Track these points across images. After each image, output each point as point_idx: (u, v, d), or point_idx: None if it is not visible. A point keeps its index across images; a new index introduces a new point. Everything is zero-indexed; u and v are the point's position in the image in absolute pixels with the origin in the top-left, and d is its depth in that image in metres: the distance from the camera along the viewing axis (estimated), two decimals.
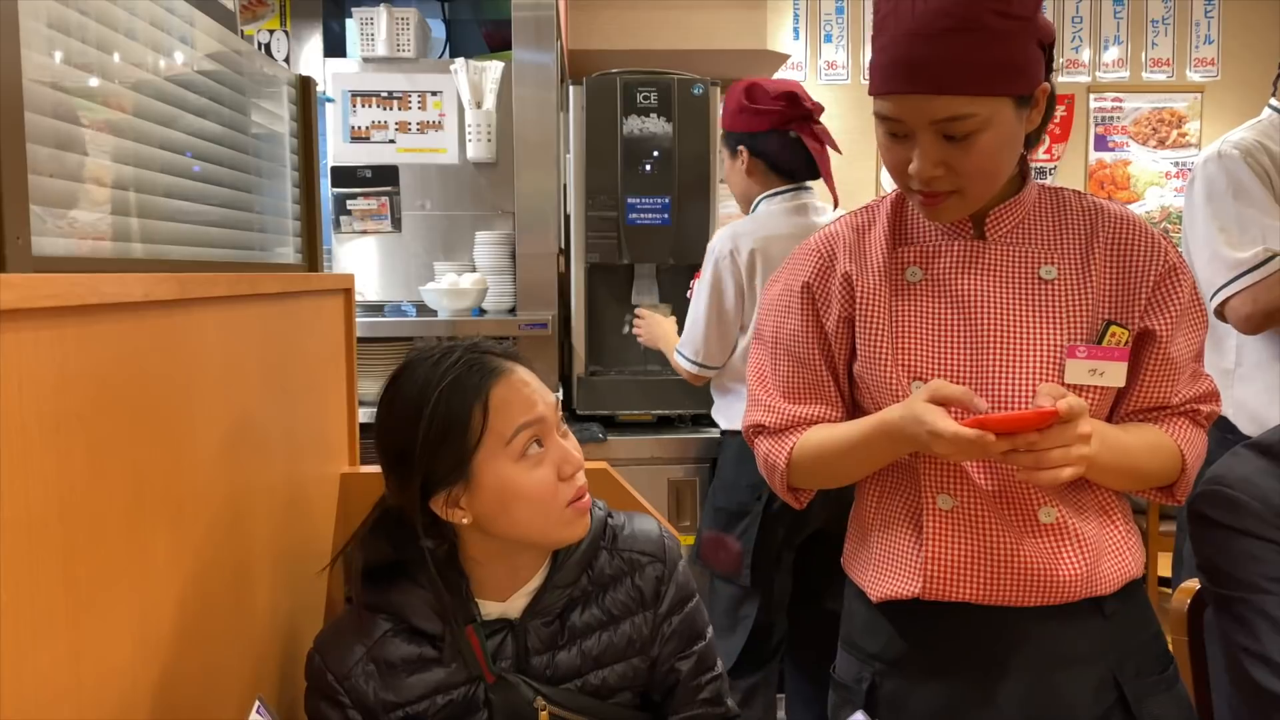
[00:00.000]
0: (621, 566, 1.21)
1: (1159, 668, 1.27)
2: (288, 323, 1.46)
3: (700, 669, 1.24)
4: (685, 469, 2.70)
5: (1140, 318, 1.21)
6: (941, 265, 1.23)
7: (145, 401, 0.97)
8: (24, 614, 0.76)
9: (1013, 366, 1.18)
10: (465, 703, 1.15)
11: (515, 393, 1.13)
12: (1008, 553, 1.19)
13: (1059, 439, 1.07)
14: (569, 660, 1.17)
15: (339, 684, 1.14)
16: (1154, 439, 1.23)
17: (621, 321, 2.84)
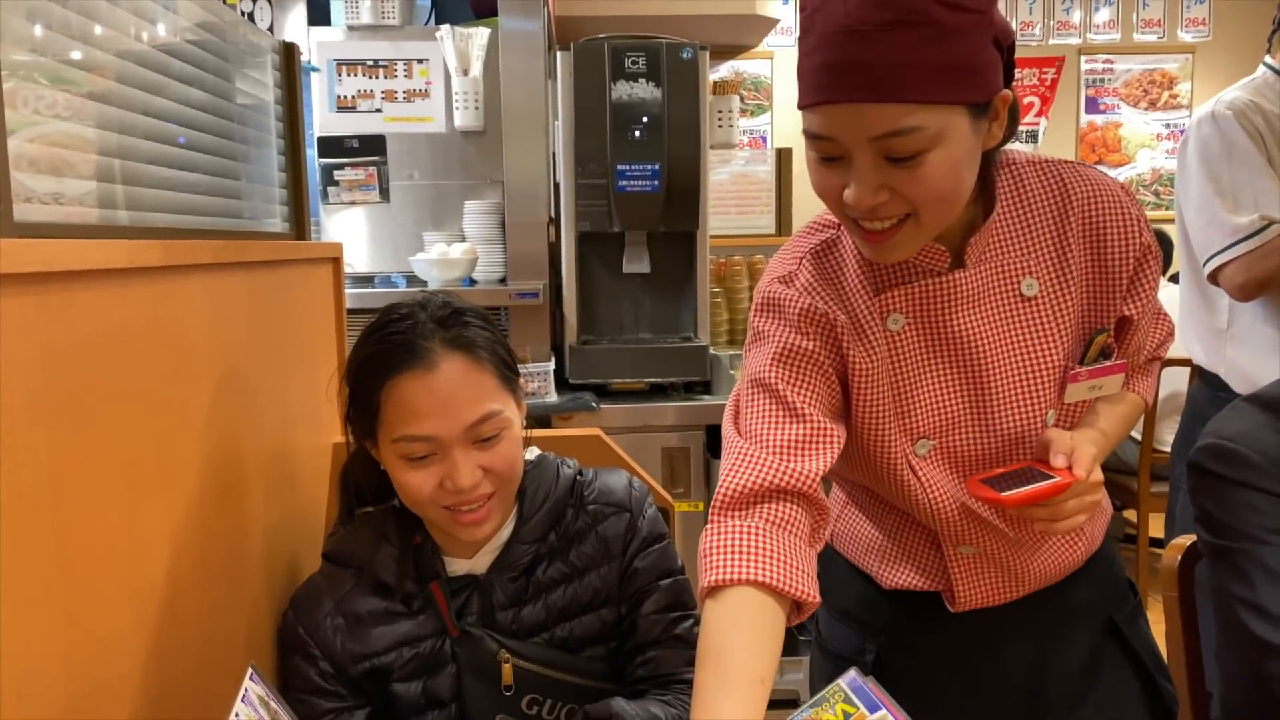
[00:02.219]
0: (587, 520, 1.22)
1: (1133, 595, 1.32)
2: (276, 292, 1.45)
3: (669, 605, 1.22)
4: (679, 436, 2.70)
5: (1120, 306, 1.15)
6: (924, 306, 1.11)
7: (134, 371, 0.96)
8: (16, 582, 0.76)
9: (1014, 403, 1.12)
10: (432, 656, 1.17)
11: (414, 397, 1.09)
12: (1026, 570, 1.21)
13: (1074, 494, 1.05)
14: (534, 615, 1.18)
15: (309, 636, 1.16)
16: (1126, 410, 1.25)
17: (613, 289, 2.83)
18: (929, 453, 1.14)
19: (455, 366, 1.11)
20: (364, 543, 1.19)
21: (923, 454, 1.14)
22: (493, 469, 1.12)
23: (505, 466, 1.13)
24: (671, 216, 2.66)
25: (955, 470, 1.15)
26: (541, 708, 1.18)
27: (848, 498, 1.34)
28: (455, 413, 1.09)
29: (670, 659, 1.22)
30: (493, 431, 1.11)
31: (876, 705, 0.97)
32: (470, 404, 1.10)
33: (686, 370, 2.76)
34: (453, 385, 1.10)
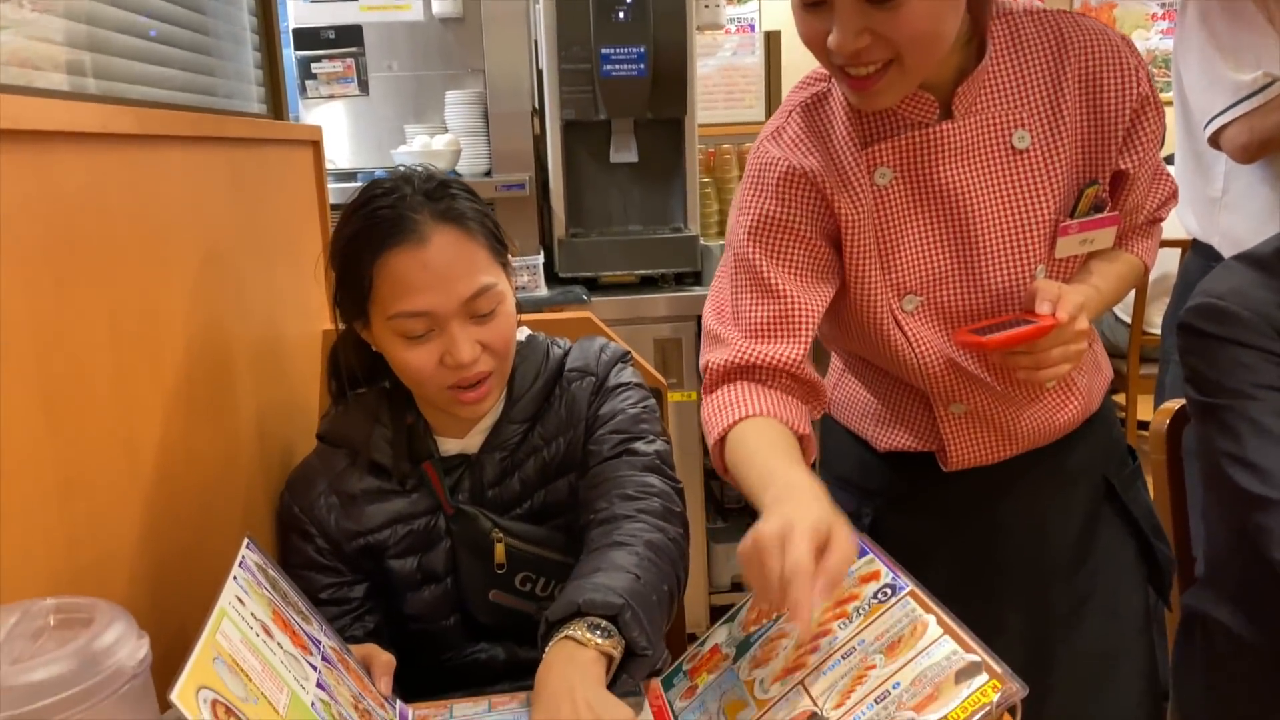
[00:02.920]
0: (559, 392, 1.22)
1: (1130, 460, 1.33)
2: (257, 171, 1.42)
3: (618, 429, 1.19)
4: (671, 327, 2.69)
5: (1115, 159, 1.12)
6: (911, 159, 1.10)
7: (114, 239, 0.94)
8: (6, 444, 0.76)
9: (1004, 259, 1.11)
10: (426, 533, 1.18)
11: (408, 272, 1.06)
12: (1018, 428, 1.21)
13: (1057, 340, 1.04)
14: (511, 488, 1.19)
15: (304, 514, 1.17)
16: (1123, 269, 1.23)
17: (601, 181, 2.79)
18: (916, 309, 1.13)
19: (447, 239, 1.08)
20: (357, 424, 1.19)
21: (910, 310, 1.13)
22: (490, 345, 1.11)
23: (502, 343, 1.12)
24: (659, 102, 2.60)
25: (943, 327, 1.14)
26: (534, 585, 1.19)
27: (844, 365, 1.34)
28: (451, 287, 1.07)
29: (615, 468, 1.16)
30: (489, 306, 1.10)
31: (864, 551, 0.98)
32: (465, 277, 1.08)
33: (677, 261, 2.74)
34: (446, 259, 1.07)
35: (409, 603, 1.20)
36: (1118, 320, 3.28)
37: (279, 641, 0.88)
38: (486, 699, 1.06)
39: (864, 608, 0.92)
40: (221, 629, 0.80)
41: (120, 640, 0.62)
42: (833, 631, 0.92)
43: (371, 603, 1.20)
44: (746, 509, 3.03)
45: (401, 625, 1.22)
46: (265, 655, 0.84)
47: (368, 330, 1.14)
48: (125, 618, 0.64)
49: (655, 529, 1.11)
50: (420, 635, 1.21)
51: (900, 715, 0.79)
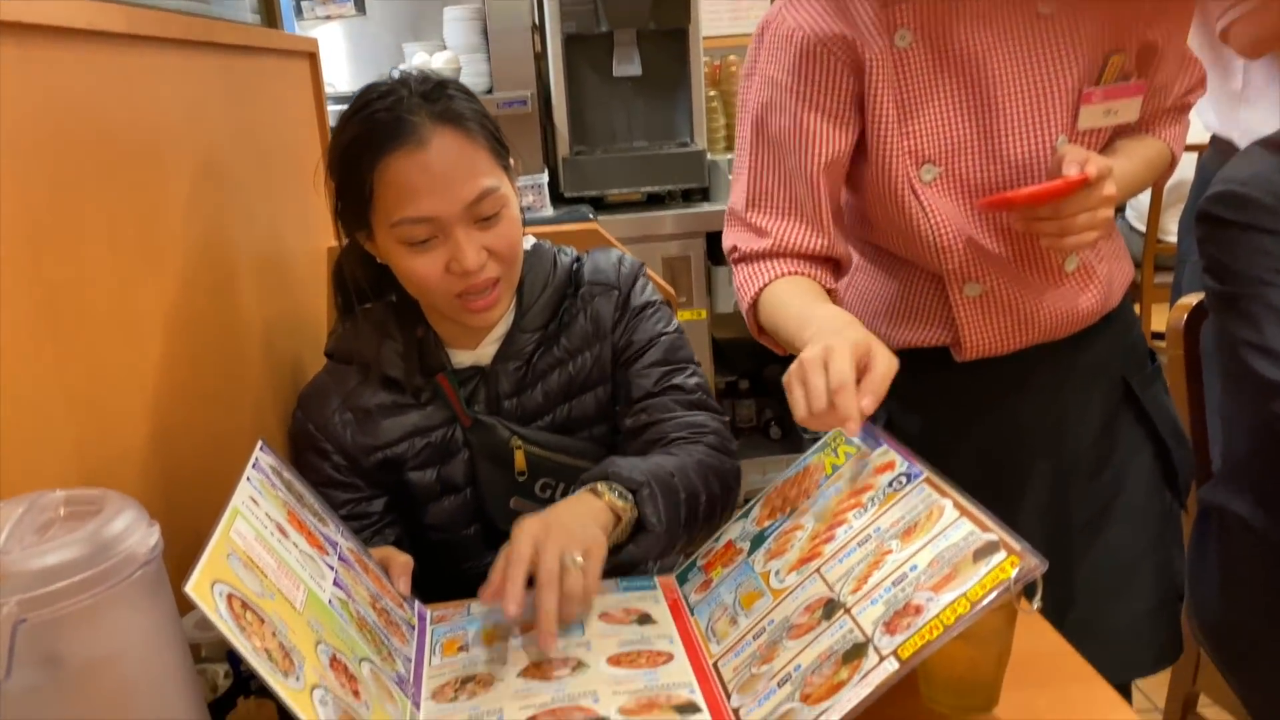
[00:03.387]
0: (580, 304, 1.20)
1: (1149, 360, 1.31)
2: (253, 82, 1.39)
3: (657, 360, 1.20)
4: (679, 245, 2.66)
5: (1143, 29, 1.11)
6: (931, 21, 1.08)
7: (108, 138, 0.92)
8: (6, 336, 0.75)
9: (1025, 128, 1.09)
10: (444, 444, 1.17)
11: (409, 176, 1.03)
12: (1035, 313, 1.18)
13: (1084, 204, 1.01)
14: (533, 399, 1.18)
15: (319, 431, 1.16)
16: (1150, 153, 1.20)
17: (604, 96, 2.73)
18: (935, 180, 1.11)
19: (447, 142, 1.05)
20: (366, 339, 1.17)
21: (928, 181, 1.11)
22: (496, 250, 1.08)
23: (508, 247, 1.10)
24: (661, 12, 2.55)
25: (962, 199, 1.12)
26: (554, 490, 1.19)
27: (860, 261, 1.32)
28: (453, 190, 1.04)
29: (665, 405, 1.19)
30: (493, 210, 1.07)
31: (878, 442, 0.97)
32: (467, 180, 1.05)
33: (684, 177, 2.70)
34: (448, 161, 1.04)
35: (429, 513, 1.20)
36: (1132, 229, 3.24)
37: (294, 541, 0.88)
38: None
39: (879, 496, 0.91)
40: (235, 527, 0.80)
41: (130, 527, 0.61)
42: (848, 521, 0.91)
43: (391, 516, 1.20)
44: (758, 428, 3.04)
45: (421, 535, 1.22)
46: (280, 554, 0.84)
47: (371, 241, 1.11)
48: (135, 506, 0.63)
49: (712, 453, 1.15)
50: (440, 545, 1.22)
51: (918, 596, 0.78)
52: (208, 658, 0.94)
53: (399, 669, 0.90)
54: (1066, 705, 0.83)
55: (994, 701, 0.83)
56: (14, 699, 0.55)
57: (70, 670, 0.58)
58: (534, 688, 0.88)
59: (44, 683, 0.57)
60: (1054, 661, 0.90)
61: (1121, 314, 1.27)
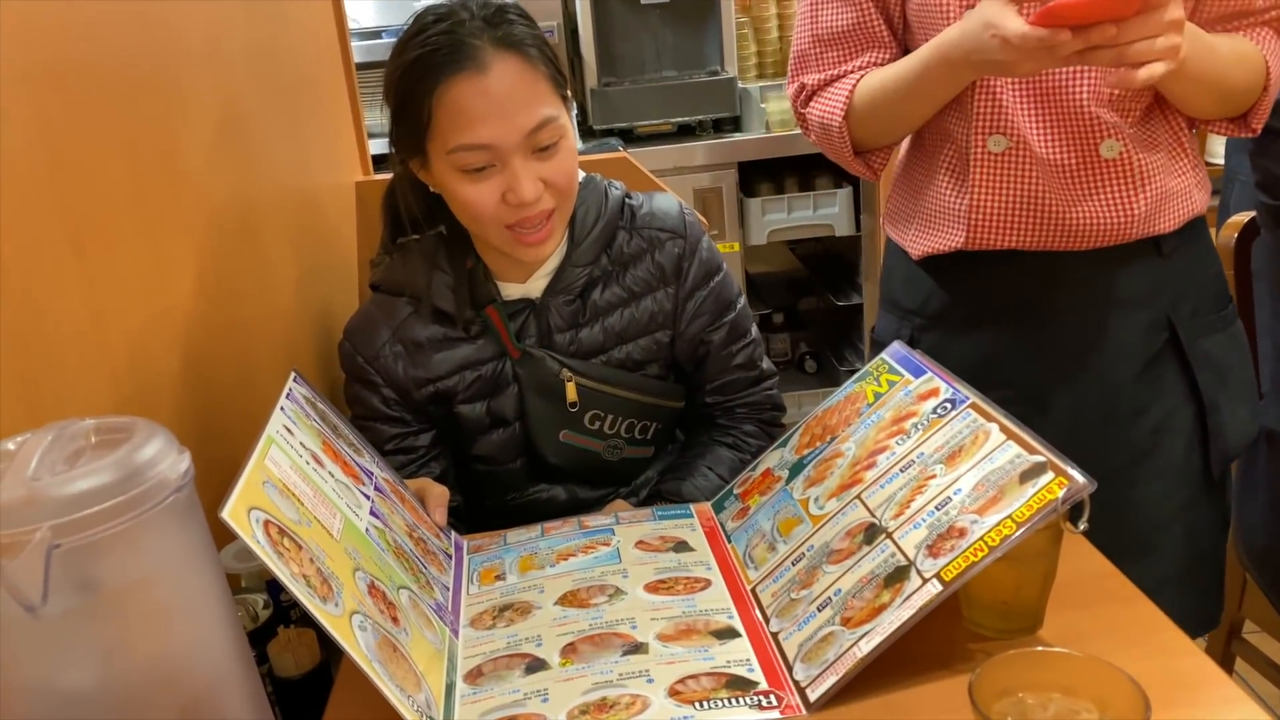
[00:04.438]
0: (641, 244, 1.18)
1: (1217, 307, 1.20)
2: (273, 14, 1.37)
3: (732, 338, 1.23)
4: (710, 176, 2.62)
5: None
6: None
7: (124, 70, 0.91)
8: (32, 270, 0.74)
9: None
10: (494, 378, 1.16)
11: (469, 102, 1.01)
12: (1062, 200, 1.10)
13: (1145, 29, 0.90)
14: (591, 337, 1.17)
15: (368, 365, 1.14)
16: (1241, 46, 1.09)
17: (632, 25, 2.67)
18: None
19: (509, 68, 1.02)
20: (416, 270, 1.15)
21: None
22: (553, 182, 1.06)
23: (565, 179, 1.07)
24: None
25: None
26: (603, 423, 1.18)
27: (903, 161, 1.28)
28: (513, 118, 1.01)
29: (735, 384, 1.25)
30: (551, 139, 1.04)
31: (921, 370, 0.95)
32: (527, 108, 1.02)
33: (715, 107, 2.65)
34: (508, 88, 1.01)
35: (478, 445, 1.19)
36: None
37: (330, 470, 0.88)
38: (539, 525, 1.06)
39: (923, 423, 0.89)
40: (270, 455, 0.79)
41: (161, 453, 0.61)
42: (890, 448, 0.90)
43: (437, 449, 1.20)
44: (792, 361, 3.01)
45: (467, 466, 1.22)
46: (316, 482, 0.84)
47: (426, 169, 1.09)
48: (165, 433, 0.63)
49: (766, 437, 1.26)
50: (485, 476, 1.22)
51: (961, 519, 0.77)
52: (247, 588, 0.95)
53: (437, 597, 0.90)
54: (1112, 627, 0.81)
55: (1039, 624, 0.82)
56: (50, 623, 0.55)
57: (105, 595, 0.58)
58: (571, 615, 0.87)
59: (79, 607, 0.57)
60: (1099, 584, 0.88)
61: (1180, 247, 1.16)
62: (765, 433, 1.27)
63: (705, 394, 1.26)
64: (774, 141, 2.60)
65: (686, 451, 1.27)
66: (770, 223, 2.67)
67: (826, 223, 2.64)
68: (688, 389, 1.26)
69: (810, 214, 2.64)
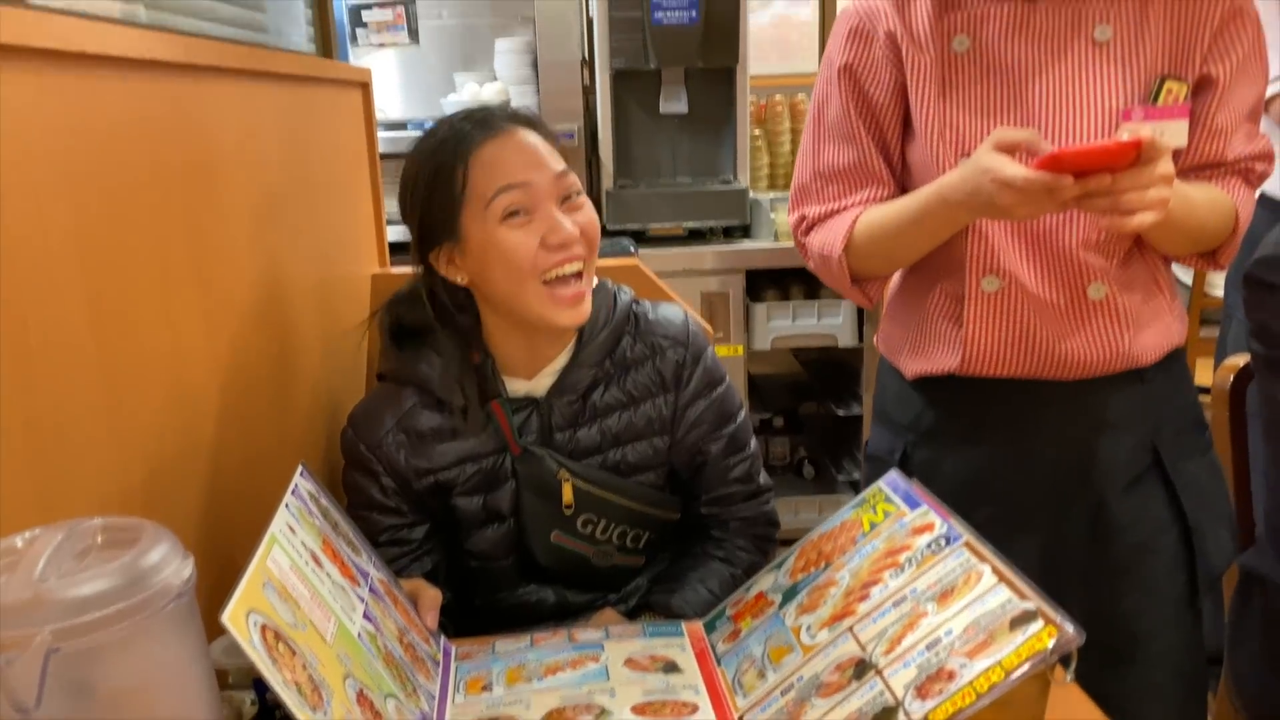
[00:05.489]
0: (644, 350, 1.21)
1: (1195, 432, 1.26)
2: (305, 110, 1.41)
3: (730, 450, 1.24)
4: (718, 280, 2.66)
5: (1200, 64, 1.12)
6: (989, 32, 1.14)
7: (161, 166, 0.94)
8: (54, 354, 0.76)
9: (1069, 141, 1.11)
10: (493, 472, 1.17)
11: (504, 154, 1.09)
12: (1052, 337, 1.16)
13: (1138, 180, 0.96)
14: (589, 437, 1.18)
15: (371, 453, 1.16)
16: (1213, 194, 1.16)
17: (650, 131, 2.75)
18: None
19: (529, 133, 1.12)
20: (424, 361, 1.17)
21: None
22: (585, 230, 1.12)
23: (592, 229, 1.13)
24: (710, 51, 2.56)
25: None
26: (595, 527, 1.19)
27: (895, 291, 1.32)
28: (542, 165, 1.10)
29: (732, 497, 1.26)
30: (576, 189, 1.13)
31: (918, 503, 0.96)
32: (552, 158, 1.12)
33: (726, 214, 2.71)
34: (531, 144, 1.11)
35: (471, 540, 1.20)
36: (1178, 281, 3.19)
37: (328, 571, 0.88)
38: (529, 635, 1.06)
39: (917, 557, 0.90)
40: (272, 555, 0.80)
41: (165, 559, 0.62)
42: (884, 580, 0.90)
43: (430, 544, 1.21)
44: (791, 466, 3.02)
45: (458, 562, 1.22)
46: (314, 584, 0.84)
47: (458, 249, 1.12)
48: (170, 538, 0.64)
49: (759, 552, 1.27)
50: (476, 573, 1.22)
51: (952, 661, 0.77)
52: (234, 684, 0.94)
53: (423, 706, 0.89)
54: None
55: None
56: None
57: (98, 699, 0.58)
58: None
59: (72, 711, 0.57)
60: None
61: (1161, 376, 1.22)
62: (759, 548, 1.27)
63: (701, 504, 1.26)
64: (782, 251, 2.65)
65: (678, 562, 1.27)
66: (774, 329, 2.70)
67: (830, 332, 2.68)
68: (684, 498, 1.27)
69: (814, 323, 2.68)
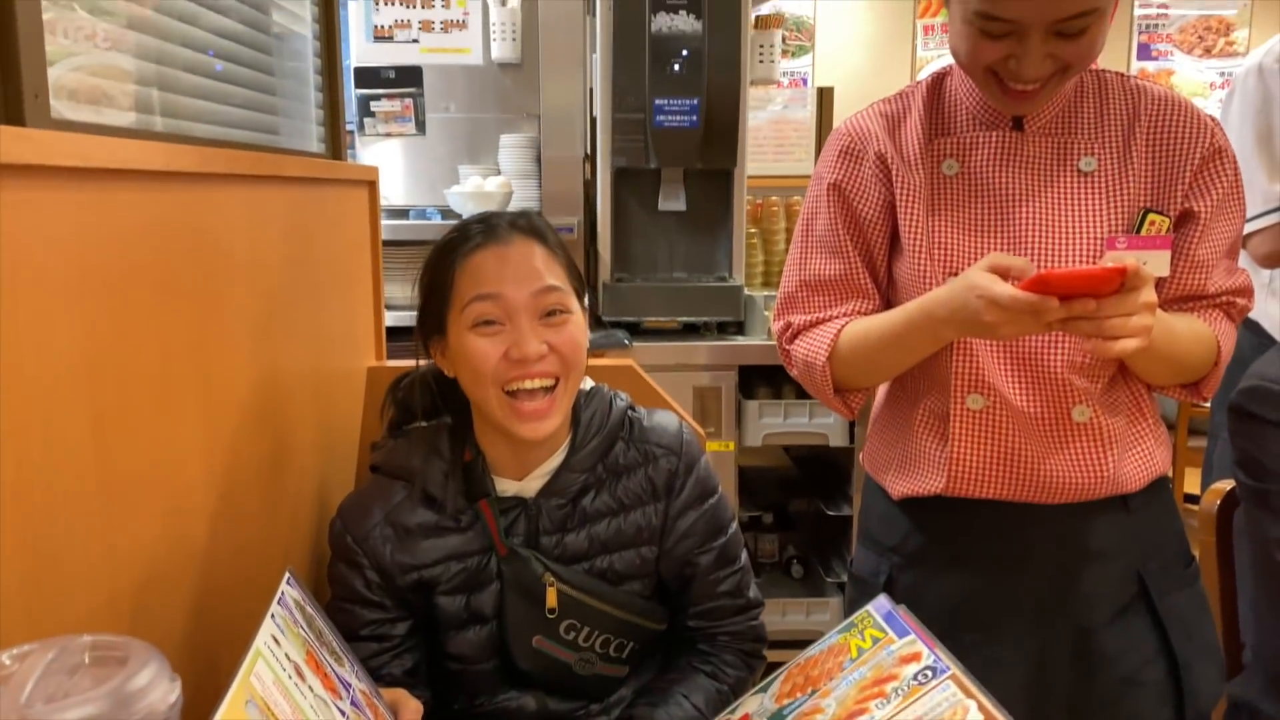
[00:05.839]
0: (637, 457, 1.21)
1: (1181, 564, 1.26)
2: (313, 210, 1.44)
3: (720, 563, 1.24)
4: (711, 375, 2.68)
5: (1181, 200, 1.16)
6: (978, 158, 1.18)
7: (170, 274, 0.96)
8: (54, 467, 0.76)
9: (1052, 266, 1.14)
10: (478, 572, 1.17)
11: (489, 263, 1.12)
12: (1037, 458, 1.17)
13: (1122, 306, 0.99)
14: (577, 543, 1.18)
15: (357, 545, 1.16)
16: (1196, 326, 1.19)
17: (648, 227, 2.80)
18: None
19: (528, 245, 1.14)
20: (416, 456, 1.18)
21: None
22: (557, 347, 1.12)
23: (569, 348, 1.13)
24: (709, 153, 2.62)
25: None
26: (579, 634, 1.18)
27: (880, 406, 1.34)
28: (524, 280, 1.11)
29: (720, 611, 1.25)
30: (557, 306, 1.13)
31: (905, 630, 0.96)
32: (538, 275, 1.12)
33: (720, 310, 2.74)
34: (524, 256, 1.12)
35: (452, 642, 1.19)
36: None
37: (310, 685, 0.88)
38: None
39: (903, 688, 0.90)
40: (256, 670, 0.80)
41: (153, 682, 0.62)
42: (870, 711, 0.90)
43: (412, 641, 1.20)
44: (779, 564, 3.00)
45: (439, 663, 1.21)
46: (296, 699, 0.84)
47: (443, 345, 1.15)
48: (159, 659, 0.64)
49: (746, 668, 1.27)
50: (457, 676, 1.21)
51: None
52: None
53: None
54: None
55: None
56: None
57: None
58: None
59: None
60: None
61: (1146, 505, 1.23)
62: (745, 664, 1.26)
63: (689, 617, 1.26)
64: (775, 348, 2.66)
65: (663, 674, 1.26)
66: (766, 426, 2.71)
67: (821, 431, 2.69)
68: (671, 609, 1.26)
69: (806, 421, 2.69)
